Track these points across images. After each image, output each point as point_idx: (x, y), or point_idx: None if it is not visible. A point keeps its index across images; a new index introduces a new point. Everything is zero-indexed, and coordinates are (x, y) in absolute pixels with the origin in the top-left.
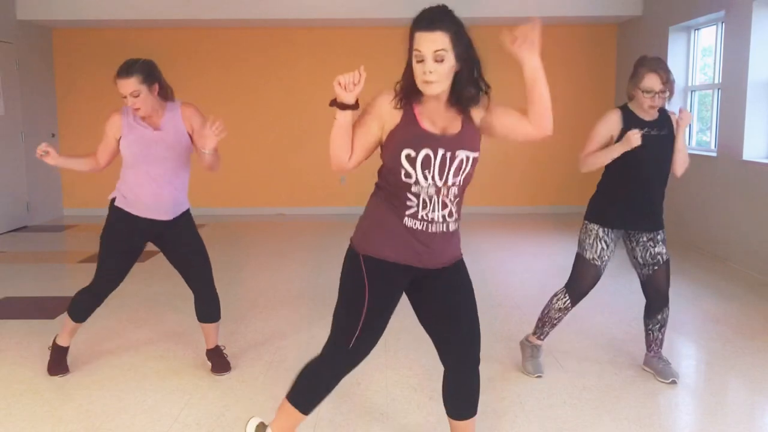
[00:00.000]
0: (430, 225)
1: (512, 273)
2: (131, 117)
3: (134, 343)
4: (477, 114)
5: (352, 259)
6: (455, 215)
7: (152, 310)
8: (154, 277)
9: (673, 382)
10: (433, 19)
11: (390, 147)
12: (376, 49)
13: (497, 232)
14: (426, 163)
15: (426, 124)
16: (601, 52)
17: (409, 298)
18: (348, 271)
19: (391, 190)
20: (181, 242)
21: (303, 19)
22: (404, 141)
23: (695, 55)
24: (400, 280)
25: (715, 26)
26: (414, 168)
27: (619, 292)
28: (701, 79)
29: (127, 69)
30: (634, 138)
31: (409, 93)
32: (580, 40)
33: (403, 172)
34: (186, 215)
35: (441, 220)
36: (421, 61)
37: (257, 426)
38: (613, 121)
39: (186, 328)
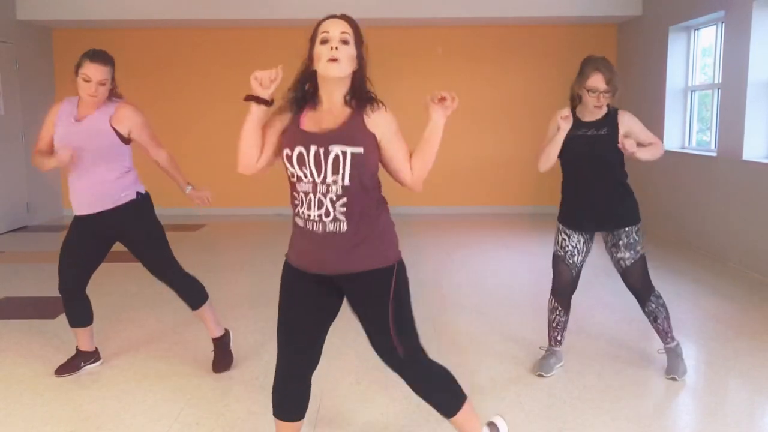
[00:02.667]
0: (306, 223)
1: (512, 273)
2: (69, 108)
3: (134, 343)
4: (375, 124)
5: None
6: (333, 216)
7: (152, 310)
8: (153, 278)
9: (672, 379)
10: (341, 15)
11: (281, 147)
12: (377, 49)
13: (497, 232)
14: (300, 161)
15: (306, 124)
16: (601, 52)
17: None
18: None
19: (290, 190)
20: (127, 236)
21: (303, 19)
22: (285, 140)
23: (695, 55)
24: (306, 285)
25: (715, 26)
26: (293, 166)
27: (619, 291)
28: (701, 79)
29: (104, 56)
30: (559, 118)
31: (301, 99)
32: (580, 40)
33: (288, 171)
34: (125, 208)
35: (316, 219)
36: (326, 41)
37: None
38: (556, 117)
39: (185, 329)
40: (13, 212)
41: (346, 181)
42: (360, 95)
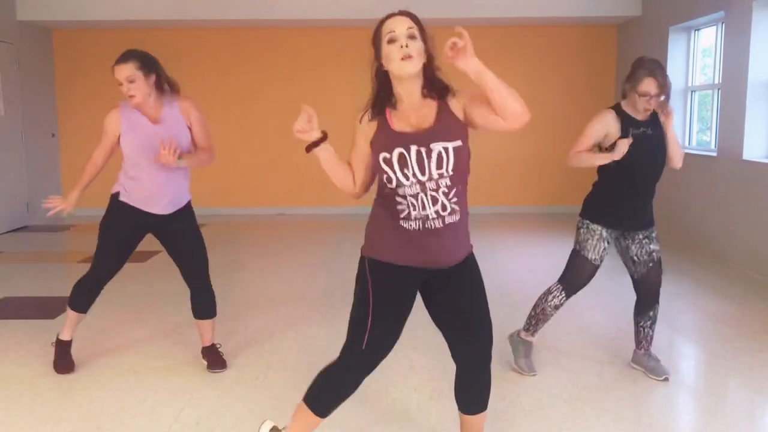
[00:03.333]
0: (424, 223)
1: (512, 273)
2: (130, 111)
3: (134, 343)
4: (458, 104)
5: (360, 264)
6: (450, 208)
7: (152, 310)
8: (154, 277)
9: (666, 380)
10: (400, 11)
11: (372, 154)
12: None
13: (497, 232)
14: (402, 162)
15: (397, 125)
16: (601, 53)
17: (422, 297)
18: (357, 276)
19: (383, 195)
20: (180, 236)
21: (303, 20)
22: (379, 145)
23: (695, 55)
24: (406, 282)
25: (715, 26)
26: (392, 169)
27: (618, 292)
28: (701, 79)
29: (124, 55)
30: (623, 148)
31: (381, 100)
32: (580, 40)
33: (385, 176)
34: (187, 209)
35: (435, 216)
36: (394, 41)
37: (270, 430)
38: (608, 121)
39: (186, 328)
40: (13, 212)
41: (451, 173)
42: (437, 86)
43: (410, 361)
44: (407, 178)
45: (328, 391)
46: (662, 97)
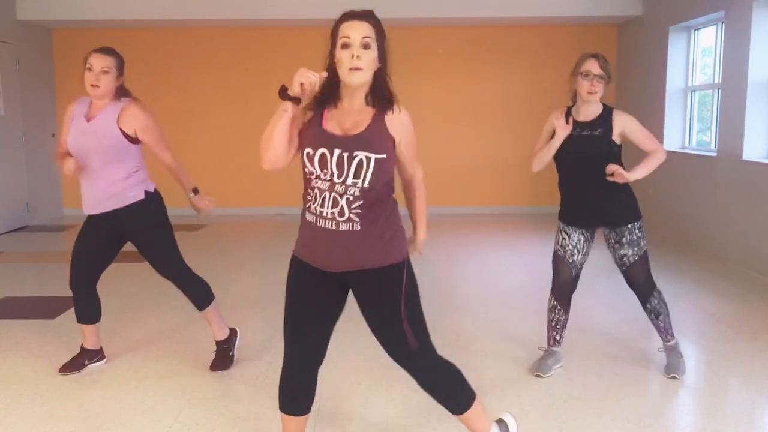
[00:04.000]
0: (318, 220)
1: (512, 273)
2: (81, 107)
3: (134, 343)
4: (395, 125)
5: None
6: (347, 216)
7: (152, 310)
8: (154, 277)
9: (673, 378)
10: (362, 12)
11: (300, 143)
12: None
13: (497, 232)
14: (322, 162)
15: (328, 125)
16: (601, 52)
17: None
18: None
19: (304, 184)
20: (135, 236)
21: (303, 20)
22: (306, 140)
23: (695, 55)
24: (314, 280)
25: (715, 26)
26: (313, 165)
27: (619, 291)
28: (701, 79)
29: (109, 49)
30: (556, 123)
31: (324, 96)
32: (580, 40)
33: (306, 169)
34: (134, 208)
35: (330, 216)
36: (347, 46)
37: None
38: (551, 119)
39: (186, 328)
40: (13, 212)
41: (365, 185)
42: (381, 95)
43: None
44: (324, 175)
45: (280, 389)
46: (603, 79)
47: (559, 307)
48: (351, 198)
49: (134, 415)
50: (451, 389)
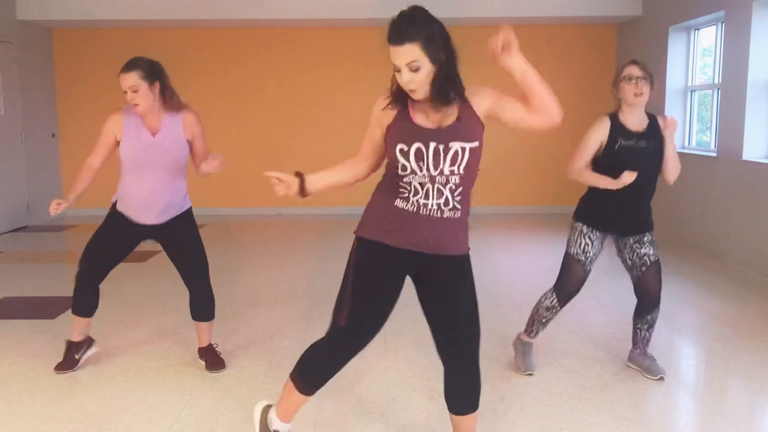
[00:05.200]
0: (421, 209)
1: (512, 273)
2: (133, 117)
3: (134, 343)
4: (481, 103)
5: (352, 244)
6: (452, 204)
7: (152, 310)
8: (154, 277)
9: (661, 379)
10: (400, 32)
11: (388, 142)
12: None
13: (497, 232)
14: (419, 156)
15: (419, 119)
16: (601, 53)
17: (415, 287)
18: (349, 255)
19: (390, 178)
20: (179, 242)
21: (303, 19)
22: (397, 136)
23: (695, 55)
24: (394, 263)
25: (715, 26)
26: (408, 161)
27: (619, 292)
28: (701, 79)
29: (129, 64)
30: (626, 179)
31: (402, 93)
32: (580, 40)
33: (399, 165)
34: (183, 217)
35: (435, 207)
36: (398, 71)
37: (263, 407)
38: (603, 129)
39: (186, 328)
40: (13, 212)
41: (462, 172)
42: (454, 89)
43: (410, 361)
44: (420, 170)
45: (312, 369)
46: (648, 83)
47: (557, 309)
48: (453, 187)
49: (134, 415)
50: (479, 383)
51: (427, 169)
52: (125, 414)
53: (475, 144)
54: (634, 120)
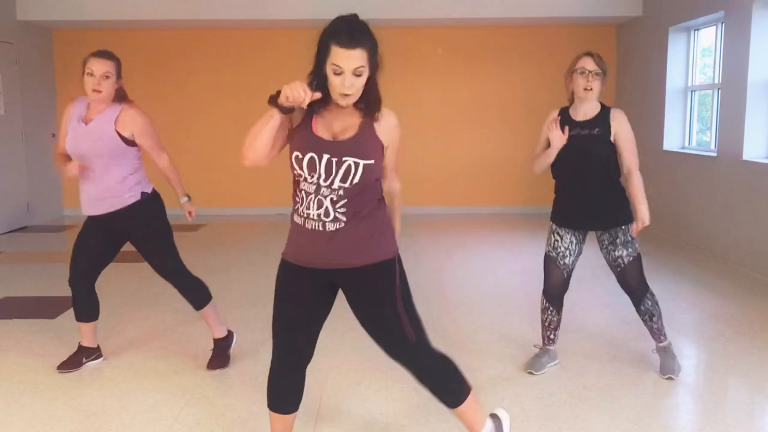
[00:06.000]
0: (306, 221)
1: (512, 273)
2: (78, 109)
3: (134, 343)
4: (384, 131)
5: None
6: (333, 216)
7: (152, 310)
8: (154, 277)
9: (669, 378)
10: (353, 36)
11: (290, 145)
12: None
13: (496, 232)
14: (311, 166)
15: (318, 129)
16: (601, 52)
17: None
18: None
19: (293, 186)
20: (134, 237)
21: (303, 20)
22: (296, 143)
23: (695, 55)
24: (302, 280)
25: (714, 26)
26: (301, 168)
27: (618, 291)
28: (701, 79)
29: (108, 53)
30: (551, 135)
31: (318, 100)
32: (580, 40)
33: (295, 171)
34: (131, 210)
35: (315, 218)
36: (339, 74)
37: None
38: (548, 120)
39: (186, 328)
40: (13, 212)
41: (349, 186)
42: (370, 100)
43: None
44: (311, 177)
45: (269, 387)
46: (599, 75)
47: (551, 308)
48: (335, 198)
49: (134, 415)
50: (446, 382)
51: (318, 178)
52: (125, 414)
53: (370, 162)
54: (582, 110)
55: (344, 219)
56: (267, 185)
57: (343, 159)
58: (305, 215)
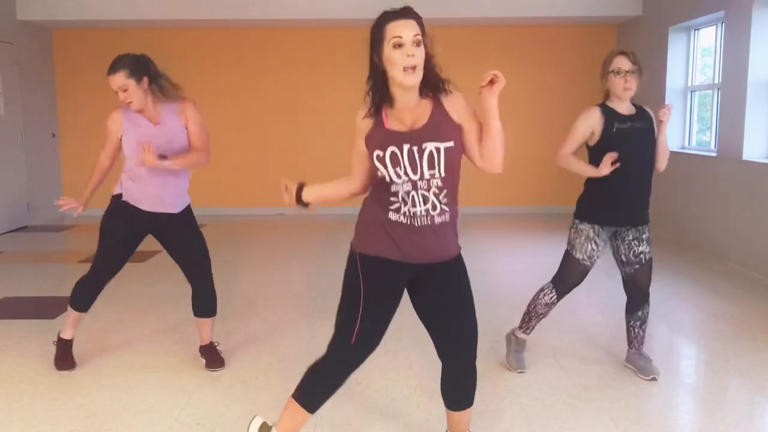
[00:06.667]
0: (413, 220)
1: (512, 272)
2: (131, 113)
3: (134, 343)
4: (455, 107)
5: (349, 258)
6: (440, 208)
7: (152, 310)
8: (154, 277)
9: (653, 380)
10: (405, 10)
11: (368, 151)
12: None
13: (497, 231)
14: (394, 160)
15: (391, 124)
16: (601, 53)
17: (409, 294)
18: (347, 271)
19: (377, 190)
20: (183, 236)
21: (303, 19)
22: (373, 143)
23: (695, 55)
24: (395, 276)
25: (715, 26)
26: (385, 167)
27: (618, 292)
28: (701, 79)
29: (113, 65)
30: (605, 169)
31: (379, 99)
32: (580, 40)
33: (378, 173)
34: (187, 210)
35: (424, 214)
36: (400, 46)
37: (260, 426)
38: (593, 118)
39: (186, 328)
40: (13, 212)
41: (443, 174)
42: (434, 84)
43: (410, 361)
44: (399, 176)
45: (318, 387)
46: (636, 74)
47: (555, 304)
48: (437, 190)
49: (134, 415)
50: (474, 381)
51: (406, 174)
52: (125, 414)
53: (450, 144)
54: (623, 107)
55: (447, 209)
56: (267, 185)
57: (424, 146)
58: (410, 214)
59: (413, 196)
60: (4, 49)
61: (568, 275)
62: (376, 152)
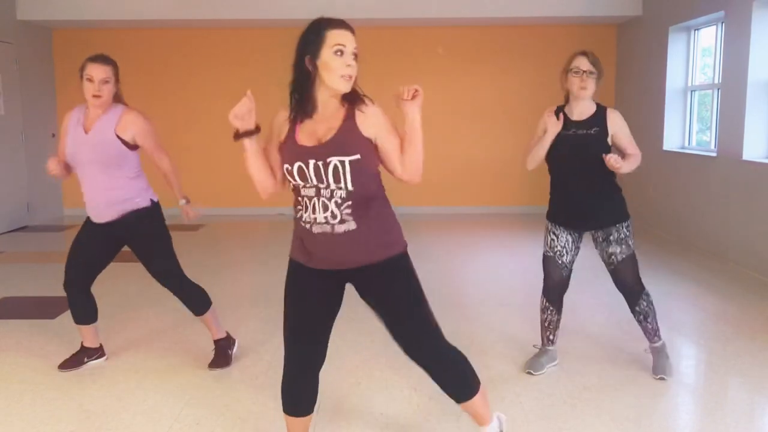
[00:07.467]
0: (313, 226)
1: (512, 273)
2: (75, 116)
3: (134, 343)
4: (369, 122)
5: None
6: (340, 218)
7: (152, 310)
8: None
9: (661, 379)
10: (345, 21)
11: (280, 162)
12: (376, 48)
13: (497, 232)
14: (301, 174)
15: (302, 138)
16: (601, 53)
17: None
18: None
19: (294, 193)
20: (134, 243)
21: (302, 20)
22: (284, 155)
23: (695, 55)
24: (312, 282)
25: (715, 26)
26: (294, 179)
27: (618, 292)
28: (701, 79)
29: (105, 57)
30: (548, 120)
31: (298, 106)
32: (580, 40)
33: (290, 181)
34: (137, 216)
35: (323, 221)
36: (341, 53)
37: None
38: (544, 118)
39: (186, 328)
40: (13, 212)
41: (349, 187)
42: (354, 97)
43: (410, 362)
44: (306, 186)
45: (283, 392)
46: (594, 75)
47: (551, 308)
48: (339, 200)
49: (134, 415)
50: (461, 374)
51: (313, 184)
52: (125, 414)
53: (356, 157)
54: (578, 109)
55: (351, 219)
56: None
57: (328, 160)
58: (311, 220)
59: (314, 203)
60: (4, 49)
61: (545, 274)
62: (285, 166)
